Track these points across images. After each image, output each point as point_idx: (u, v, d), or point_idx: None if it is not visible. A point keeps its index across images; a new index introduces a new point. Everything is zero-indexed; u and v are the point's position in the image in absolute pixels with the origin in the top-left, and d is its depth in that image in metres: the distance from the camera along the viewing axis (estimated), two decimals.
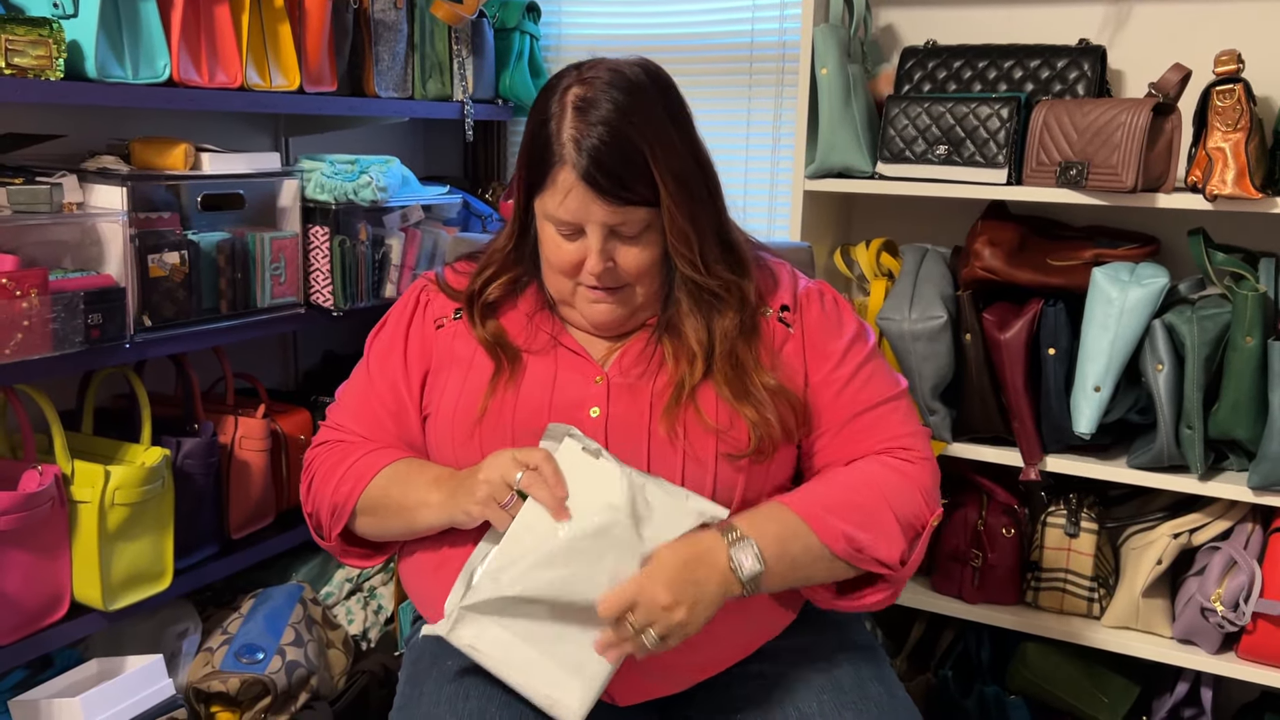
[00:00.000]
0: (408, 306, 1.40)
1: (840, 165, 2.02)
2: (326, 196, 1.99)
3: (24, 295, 1.52)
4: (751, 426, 1.24)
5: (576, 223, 1.22)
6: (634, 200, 1.20)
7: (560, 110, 1.21)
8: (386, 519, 1.29)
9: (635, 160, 1.19)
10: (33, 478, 1.61)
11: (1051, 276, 1.88)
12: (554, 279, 1.30)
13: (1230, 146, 1.68)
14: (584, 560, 1.13)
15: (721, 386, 1.26)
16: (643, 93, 1.22)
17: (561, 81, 1.24)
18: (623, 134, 1.18)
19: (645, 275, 1.27)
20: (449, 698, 1.24)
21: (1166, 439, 1.79)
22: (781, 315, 1.33)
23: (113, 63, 1.66)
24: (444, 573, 1.31)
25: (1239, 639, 1.82)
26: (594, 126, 1.18)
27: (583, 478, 1.15)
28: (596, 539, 1.13)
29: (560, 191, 1.21)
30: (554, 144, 1.20)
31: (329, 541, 1.35)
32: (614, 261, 1.24)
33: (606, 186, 1.18)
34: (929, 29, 2.15)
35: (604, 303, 1.28)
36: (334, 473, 1.32)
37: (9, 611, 1.59)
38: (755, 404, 1.25)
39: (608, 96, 1.20)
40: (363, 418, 1.37)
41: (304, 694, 1.89)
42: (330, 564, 2.22)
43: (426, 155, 2.73)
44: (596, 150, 1.18)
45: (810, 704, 1.26)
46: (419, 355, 1.36)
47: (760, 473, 1.28)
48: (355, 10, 2.09)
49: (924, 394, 1.93)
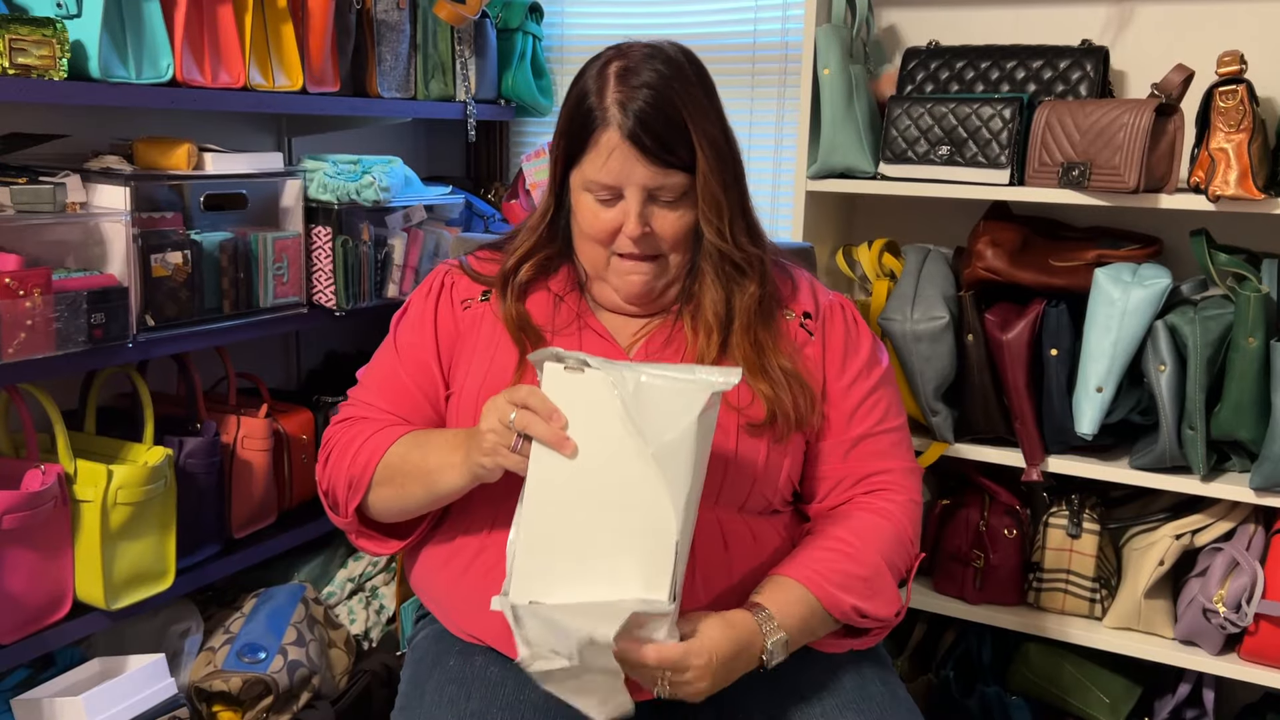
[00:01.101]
0: (432, 289, 1.41)
1: (842, 166, 2.02)
2: (329, 196, 1.99)
3: (27, 295, 1.52)
4: (766, 401, 1.27)
5: (617, 185, 1.25)
6: (674, 164, 1.24)
7: (602, 81, 1.25)
8: (407, 486, 1.27)
9: (677, 123, 1.23)
10: (35, 477, 1.62)
11: (1054, 277, 1.88)
12: (589, 250, 1.31)
13: (1233, 147, 1.67)
14: (605, 494, 1.10)
15: (738, 363, 1.29)
16: (680, 64, 1.27)
17: (599, 59, 1.29)
18: (665, 97, 1.23)
19: (680, 243, 1.29)
20: (451, 698, 1.24)
21: (1169, 440, 1.79)
22: (804, 322, 1.37)
23: (116, 63, 1.66)
24: (454, 565, 1.31)
25: (1241, 640, 1.82)
26: (638, 90, 1.23)
27: (578, 399, 1.11)
28: (608, 466, 1.10)
29: (603, 153, 1.24)
30: (597, 110, 1.24)
31: (345, 517, 1.34)
32: (650, 228, 1.27)
33: (650, 147, 1.22)
34: (931, 29, 2.15)
35: (638, 273, 1.29)
36: (352, 445, 1.31)
37: (11, 610, 1.59)
38: (771, 381, 1.28)
39: (649, 66, 1.25)
40: (388, 393, 1.36)
41: (306, 693, 1.89)
42: (332, 564, 2.22)
43: (429, 155, 2.74)
44: (642, 112, 1.22)
45: (812, 704, 1.26)
46: (448, 332, 1.37)
47: (779, 451, 1.29)
48: (358, 10, 2.09)
49: (926, 394, 1.93)
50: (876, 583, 1.28)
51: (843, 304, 1.41)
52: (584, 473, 1.10)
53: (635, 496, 1.09)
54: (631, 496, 1.09)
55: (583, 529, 1.11)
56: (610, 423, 1.09)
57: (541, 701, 1.23)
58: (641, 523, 1.09)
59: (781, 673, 1.30)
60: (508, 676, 1.25)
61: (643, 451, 1.08)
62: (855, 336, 1.39)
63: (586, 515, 1.11)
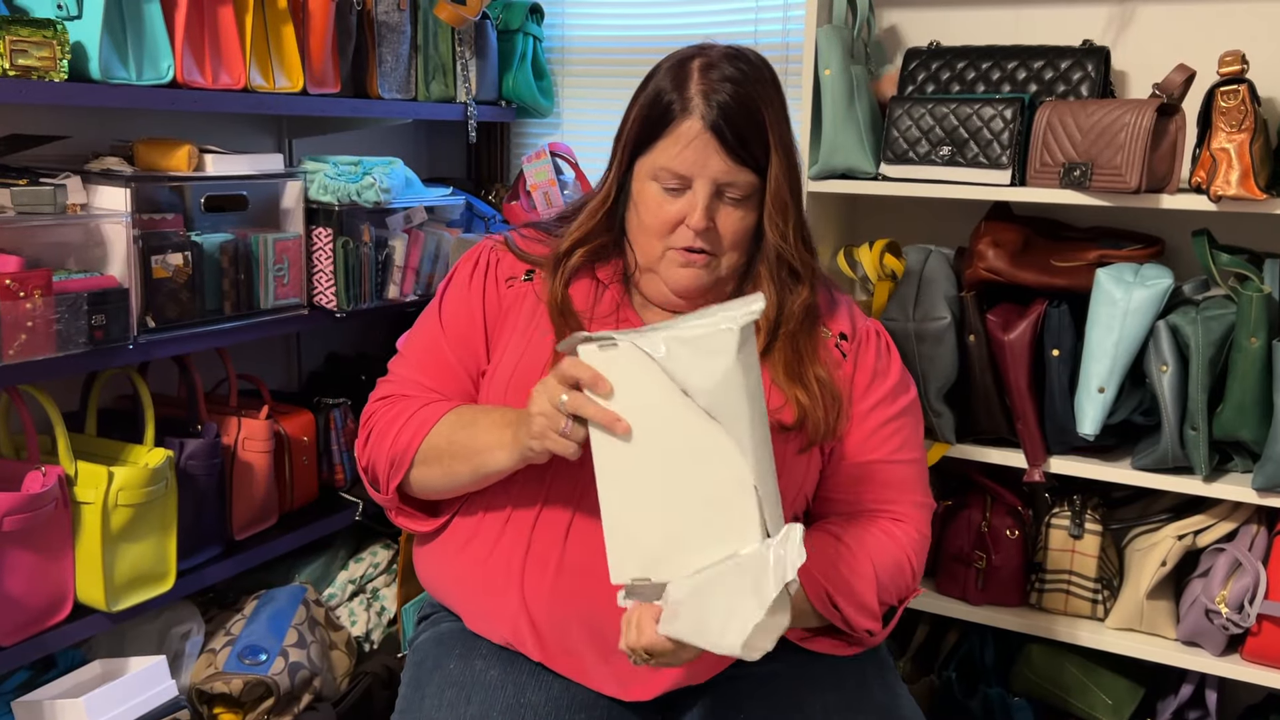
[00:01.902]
0: (479, 264, 1.39)
1: (844, 166, 2.02)
2: (330, 198, 1.99)
3: (28, 296, 1.52)
4: (799, 408, 1.28)
5: (689, 175, 1.25)
6: (749, 161, 1.25)
7: (683, 73, 1.26)
8: (454, 464, 1.26)
9: (757, 121, 1.24)
10: (36, 479, 1.61)
11: (1055, 277, 1.87)
12: (645, 241, 1.31)
13: (1235, 147, 1.67)
14: (672, 459, 1.09)
15: (777, 367, 1.30)
16: (760, 66, 1.29)
17: (677, 55, 1.29)
18: (748, 94, 1.24)
19: (738, 244, 1.30)
20: (450, 701, 1.24)
21: (1171, 440, 1.78)
22: (839, 342, 1.37)
23: (116, 64, 1.66)
24: (471, 549, 1.31)
25: (1244, 641, 1.82)
26: (722, 83, 1.24)
27: (617, 374, 1.09)
28: (666, 431, 1.09)
29: (681, 141, 1.24)
30: (678, 100, 1.24)
31: (385, 494, 1.33)
32: (713, 224, 1.27)
33: (730, 140, 1.23)
34: (932, 30, 2.15)
35: (692, 267, 1.29)
36: (394, 424, 1.31)
37: (12, 612, 1.59)
38: (805, 388, 1.29)
39: (731, 64, 1.26)
40: (429, 367, 1.36)
41: (307, 695, 1.89)
42: (333, 565, 2.22)
43: (430, 157, 2.74)
44: (726, 105, 1.23)
45: (814, 705, 1.26)
46: (494, 308, 1.36)
47: (802, 460, 1.30)
48: (359, 12, 2.09)
49: (928, 395, 1.92)
50: (859, 587, 1.27)
51: (878, 330, 1.42)
52: (645, 444, 1.09)
53: (701, 453, 1.08)
54: (698, 454, 1.08)
55: (660, 498, 1.10)
56: (655, 389, 1.08)
57: (541, 704, 1.23)
58: (715, 475, 1.08)
59: (783, 673, 1.30)
60: (508, 679, 1.25)
61: (693, 407, 1.07)
62: (886, 363, 1.39)
63: (660, 484, 1.10)
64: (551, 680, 1.26)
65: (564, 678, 1.27)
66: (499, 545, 1.29)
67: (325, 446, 2.18)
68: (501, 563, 1.29)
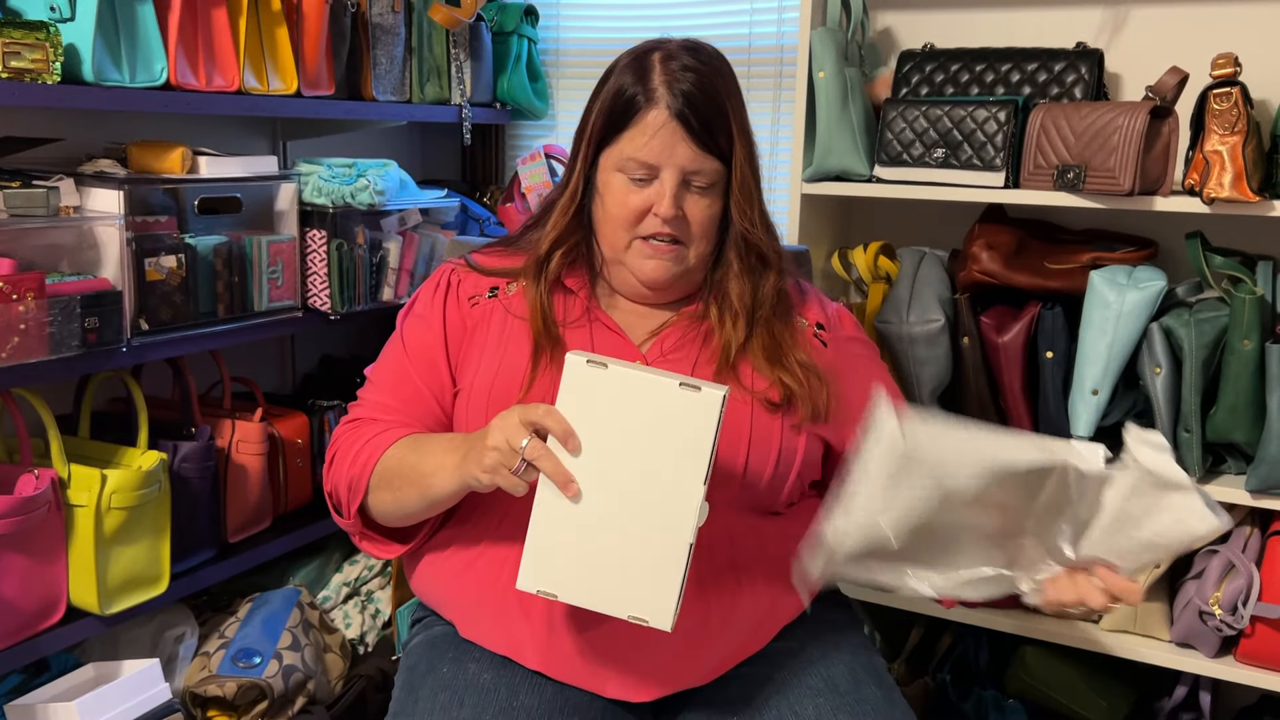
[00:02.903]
0: (439, 287, 1.40)
1: (838, 169, 2.02)
2: (324, 200, 1.99)
3: (20, 299, 1.52)
4: (782, 386, 1.30)
5: (657, 164, 1.26)
6: (714, 149, 1.27)
7: (644, 65, 1.28)
8: (402, 490, 1.26)
9: (720, 109, 1.27)
10: (29, 482, 1.61)
11: (1049, 280, 1.88)
12: (612, 232, 1.32)
13: (1228, 150, 1.68)
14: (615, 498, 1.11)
15: (758, 354, 1.31)
16: (716, 56, 1.33)
17: (635, 51, 1.33)
18: (710, 83, 1.27)
19: (705, 233, 1.31)
20: (443, 705, 1.23)
21: None
22: (818, 332, 1.40)
23: (110, 66, 1.65)
24: (457, 563, 1.31)
25: (1237, 642, 1.82)
26: (685, 73, 1.26)
27: (598, 394, 1.10)
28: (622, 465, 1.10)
29: (648, 131, 1.26)
30: (641, 91, 1.27)
31: (347, 519, 1.33)
32: (682, 212, 1.28)
33: (697, 129, 1.25)
34: (926, 32, 2.15)
35: (659, 257, 1.30)
36: (353, 447, 1.31)
37: (5, 615, 1.59)
38: (788, 370, 1.31)
39: (691, 56, 1.29)
40: (397, 393, 1.36)
41: (301, 698, 1.88)
42: (328, 568, 2.22)
43: (424, 159, 2.73)
44: (689, 94, 1.25)
45: (806, 706, 1.26)
46: (456, 329, 1.36)
47: (794, 436, 1.30)
48: (353, 14, 2.09)
49: (922, 397, 1.92)
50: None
51: (844, 313, 1.46)
52: (595, 473, 1.10)
53: (649, 498, 1.10)
54: (645, 498, 1.10)
55: (593, 525, 1.11)
56: (627, 422, 1.09)
57: (535, 707, 1.23)
58: (654, 521, 1.10)
59: (774, 674, 1.30)
60: (501, 683, 1.25)
61: (661, 451, 1.09)
62: (868, 345, 1.45)
63: (597, 513, 1.11)
64: (545, 684, 1.26)
65: (557, 681, 1.27)
66: (493, 551, 1.29)
67: (319, 449, 2.18)
68: (496, 569, 1.29)
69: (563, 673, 1.26)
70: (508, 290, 1.37)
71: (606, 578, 1.12)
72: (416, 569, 1.39)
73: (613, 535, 1.12)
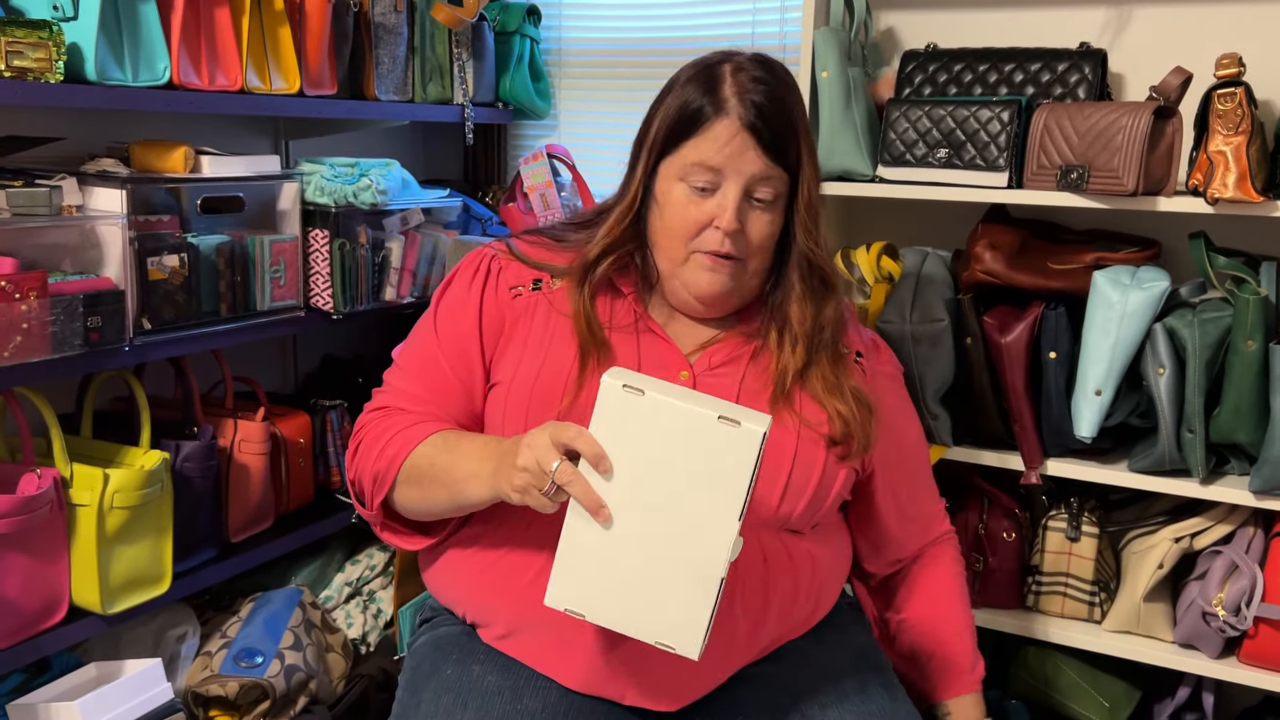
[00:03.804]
0: (479, 271, 1.36)
1: (840, 169, 2.01)
2: (326, 199, 1.99)
3: (23, 298, 1.52)
4: (842, 421, 1.29)
5: (723, 170, 1.24)
6: (782, 161, 1.25)
7: (714, 76, 1.26)
8: (433, 490, 1.24)
9: (790, 121, 1.26)
10: (31, 481, 1.61)
11: (1052, 280, 1.87)
12: (669, 244, 1.29)
13: (1231, 150, 1.67)
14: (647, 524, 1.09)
15: (815, 384, 1.30)
16: (787, 73, 1.31)
17: (701, 61, 1.30)
18: (780, 96, 1.26)
19: (763, 249, 1.29)
20: (446, 708, 1.23)
21: (1168, 443, 1.78)
22: (858, 359, 1.39)
23: (112, 65, 1.65)
24: (492, 575, 1.29)
25: (1240, 643, 1.82)
26: (756, 84, 1.25)
27: (631, 422, 1.07)
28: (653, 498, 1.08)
29: (718, 140, 1.24)
30: (711, 101, 1.24)
31: (370, 510, 1.32)
32: (741, 227, 1.26)
33: (767, 138, 1.24)
34: (929, 32, 2.15)
35: (717, 271, 1.28)
36: (381, 439, 1.28)
37: (7, 615, 1.59)
38: (844, 400, 1.30)
39: (760, 69, 1.27)
40: (426, 381, 1.33)
41: (303, 698, 1.88)
42: (329, 568, 2.22)
43: (426, 158, 2.73)
44: (760, 105, 1.24)
45: (812, 707, 1.26)
46: (494, 318, 1.33)
47: (842, 471, 1.31)
48: (355, 13, 2.09)
49: (925, 398, 1.92)
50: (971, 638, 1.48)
51: (879, 340, 1.48)
52: (628, 498, 1.08)
53: (681, 527, 1.08)
54: (677, 526, 1.08)
55: (623, 549, 1.09)
56: (662, 450, 1.07)
57: (539, 711, 1.22)
58: (686, 550, 1.08)
59: (781, 675, 1.29)
60: (505, 686, 1.25)
61: (696, 482, 1.07)
62: (898, 378, 1.47)
63: (628, 538, 1.09)
64: (549, 687, 1.26)
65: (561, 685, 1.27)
66: (517, 555, 1.27)
67: (321, 448, 2.18)
68: (518, 572, 1.27)
69: (579, 682, 1.25)
70: (552, 284, 1.33)
71: (636, 601, 1.10)
72: (435, 564, 1.36)
73: (644, 560, 1.09)
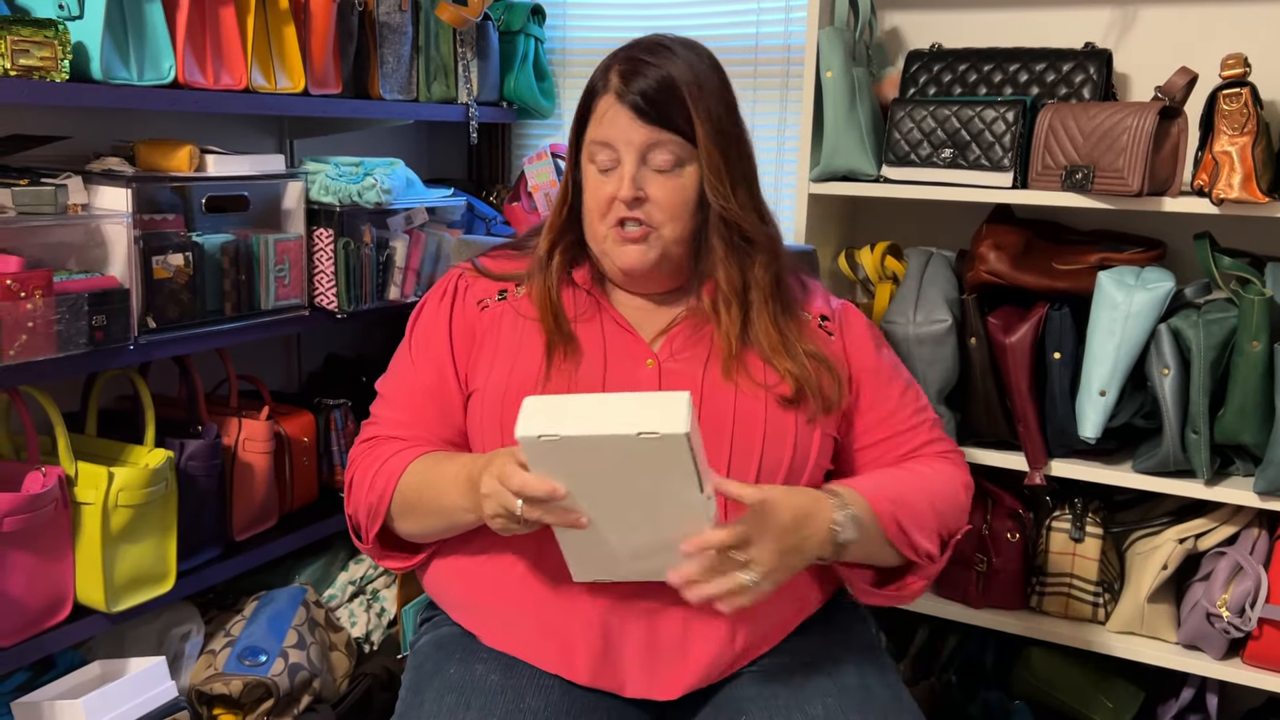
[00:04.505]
0: (446, 293, 1.42)
1: (845, 168, 2.01)
2: (331, 199, 1.99)
3: (28, 296, 1.52)
4: (793, 379, 1.30)
5: (612, 144, 1.29)
6: (666, 125, 1.28)
7: (609, 61, 1.33)
8: (428, 519, 1.29)
9: (672, 90, 1.28)
10: (36, 479, 1.61)
11: (1057, 280, 1.87)
12: (591, 225, 1.34)
13: (1237, 150, 1.67)
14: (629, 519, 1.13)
15: (762, 344, 1.31)
16: (688, 48, 1.34)
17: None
18: (661, 69, 1.29)
19: (673, 214, 1.31)
20: (450, 707, 1.23)
21: (1172, 443, 1.78)
22: (822, 323, 1.40)
23: (118, 64, 1.66)
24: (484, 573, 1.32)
25: (1245, 645, 1.82)
26: (632, 60, 1.31)
27: (567, 459, 1.10)
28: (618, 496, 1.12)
29: (602, 116, 1.30)
30: (600, 83, 1.32)
31: (366, 544, 1.36)
32: (645, 193, 1.29)
33: (642, 107, 1.27)
34: (934, 32, 2.15)
35: (632, 243, 1.31)
36: (368, 474, 1.33)
37: (12, 613, 1.59)
38: (795, 361, 1.31)
39: (650, 47, 1.33)
40: (407, 404, 1.37)
41: (306, 696, 1.89)
42: (333, 566, 2.22)
43: (431, 158, 2.73)
44: (635, 75, 1.29)
45: (815, 706, 1.25)
46: (464, 333, 1.38)
47: (809, 430, 1.31)
48: (360, 13, 2.09)
49: (929, 398, 1.92)
50: (923, 514, 1.31)
51: (849, 307, 1.47)
52: (599, 507, 1.12)
53: (657, 512, 1.11)
54: (655, 517, 1.12)
55: (617, 533, 1.14)
56: (604, 471, 1.10)
57: (541, 710, 1.23)
58: (670, 513, 1.11)
59: (783, 672, 1.30)
60: (508, 685, 1.25)
61: (648, 483, 1.09)
62: (873, 335, 1.45)
63: (617, 524, 1.13)
64: (552, 686, 1.26)
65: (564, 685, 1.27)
66: (506, 555, 1.30)
67: (325, 447, 2.18)
68: (508, 567, 1.29)
69: (576, 673, 1.26)
70: (516, 292, 1.39)
71: (647, 561, 1.15)
72: (430, 567, 1.39)
73: (637, 538, 1.14)
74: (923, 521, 1.31)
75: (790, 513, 1.17)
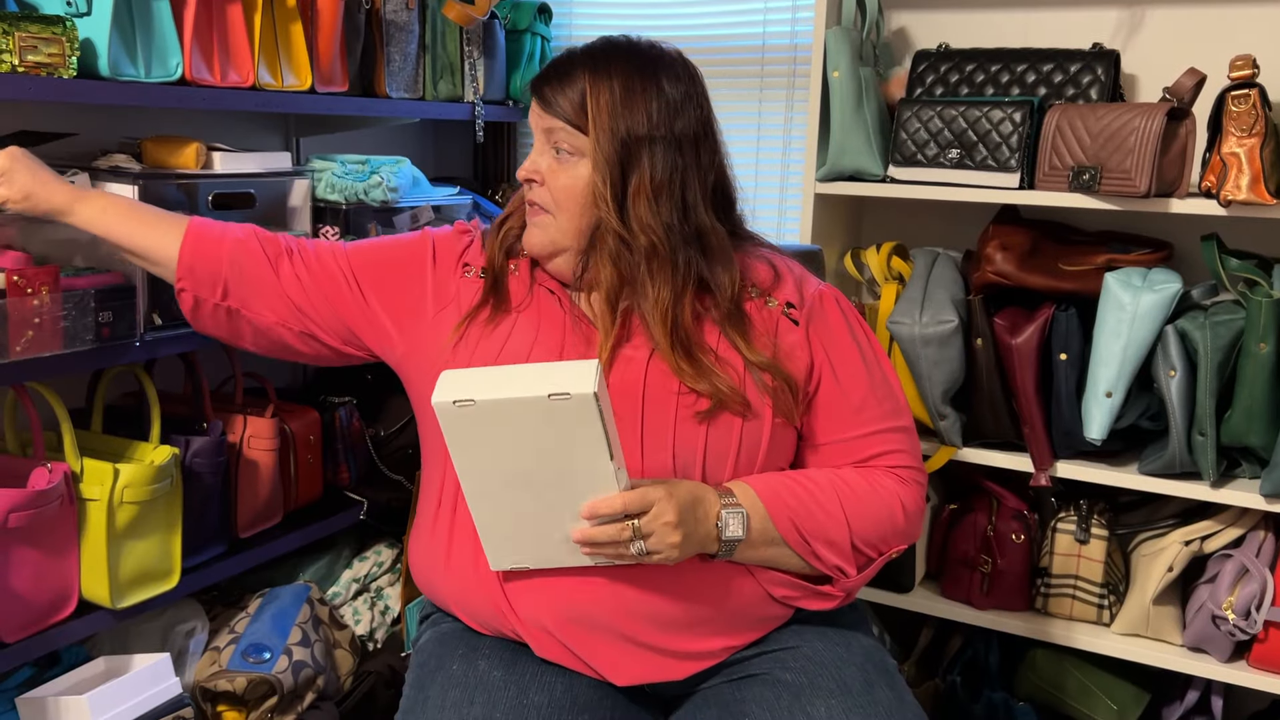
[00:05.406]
0: (455, 233, 1.45)
1: (851, 168, 2.01)
2: (337, 196, 1.99)
3: (35, 293, 1.52)
4: (706, 395, 1.26)
5: (532, 130, 1.35)
6: (557, 114, 1.30)
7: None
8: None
9: (573, 81, 1.30)
10: (42, 475, 1.61)
11: (1063, 281, 1.87)
12: (520, 207, 1.40)
13: (1245, 152, 1.67)
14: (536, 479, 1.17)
15: (670, 357, 1.27)
16: (620, 49, 1.35)
17: None
18: (572, 61, 1.32)
19: (565, 201, 1.31)
20: (454, 703, 1.24)
21: (1178, 445, 1.78)
22: (787, 310, 1.35)
23: (125, 61, 1.66)
24: (455, 563, 1.33)
25: (1250, 647, 1.81)
26: (565, 53, 1.34)
27: (484, 425, 1.14)
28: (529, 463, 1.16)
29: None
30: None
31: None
32: (540, 173, 1.33)
33: (544, 93, 1.31)
34: (941, 32, 2.14)
35: (529, 218, 1.36)
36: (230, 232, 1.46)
37: (17, 609, 1.59)
38: (705, 378, 1.26)
39: (593, 44, 1.35)
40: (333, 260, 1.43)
41: (310, 694, 1.89)
42: (337, 564, 2.22)
43: (437, 156, 2.74)
44: (550, 67, 1.33)
45: (819, 708, 1.25)
46: (429, 274, 1.40)
47: (755, 432, 1.28)
48: (367, 11, 2.09)
49: (934, 399, 1.92)
50: (827, 523, 1.28)
51: (836, 294, 1.40)
52: (513, 479, 1.17)
53: (570, 481, 1.16)
54: (567, 486, 1.16)
55: (529, 504, 1.19)
56: (520, 436, 1.14)
57: (544, 705, 1.23)
58: (580, 482, 1.16)
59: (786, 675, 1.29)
60: (511, 681, 1.26)
61: (562, 449, 1.14)
62: (860, 332, 1.39)
63: (527, 495, 1.18)
64: (554, 680, 1.27)
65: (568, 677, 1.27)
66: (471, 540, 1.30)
67: (330, 445, 2.18)
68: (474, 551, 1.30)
69: (554, 653, 1.28)
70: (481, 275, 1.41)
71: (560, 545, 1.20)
72: (414, 562, 1.41)
73: (551, 514, 1.18)
74: (828, 533, 1.28)
75: (689, 493, 1.21)
